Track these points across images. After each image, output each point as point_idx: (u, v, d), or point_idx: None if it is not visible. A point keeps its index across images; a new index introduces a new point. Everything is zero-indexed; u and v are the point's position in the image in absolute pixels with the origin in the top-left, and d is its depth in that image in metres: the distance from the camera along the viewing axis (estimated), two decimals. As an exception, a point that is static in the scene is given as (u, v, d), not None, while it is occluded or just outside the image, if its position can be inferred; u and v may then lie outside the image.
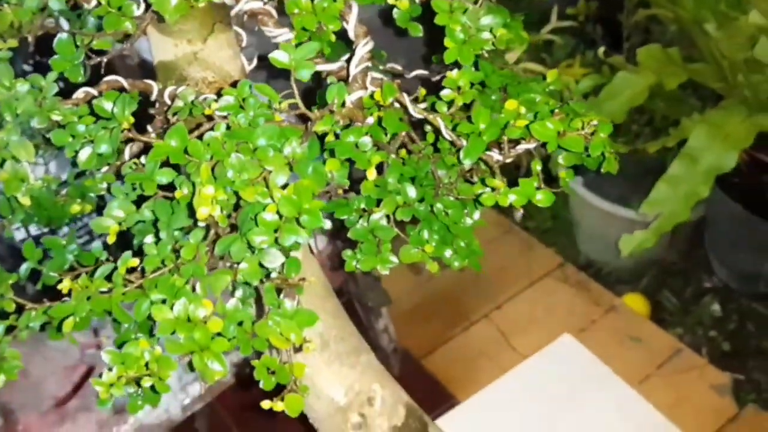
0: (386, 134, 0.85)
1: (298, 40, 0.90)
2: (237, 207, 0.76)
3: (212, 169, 0.75)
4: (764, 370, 2.05)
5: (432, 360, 2.16)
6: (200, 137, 0.78)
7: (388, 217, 0.88)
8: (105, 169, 0.93)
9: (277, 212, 0.72)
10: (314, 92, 0.95)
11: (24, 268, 0.92)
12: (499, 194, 0.81)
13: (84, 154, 0.78)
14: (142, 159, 0.84)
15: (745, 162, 1.92)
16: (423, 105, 0.91)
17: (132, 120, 0.79)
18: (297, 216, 0.72)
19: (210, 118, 0.81)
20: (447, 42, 0.81)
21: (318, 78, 0.93)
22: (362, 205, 0.90)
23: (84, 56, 0.83)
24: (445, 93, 0.83)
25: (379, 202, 0.89)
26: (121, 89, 0.92)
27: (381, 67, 1.06)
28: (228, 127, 0.76)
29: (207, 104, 0.81)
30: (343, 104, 0.78)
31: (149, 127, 0.94)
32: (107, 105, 0.80)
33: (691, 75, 1.91)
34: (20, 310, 0.87)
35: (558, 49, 2.40)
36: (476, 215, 0.93)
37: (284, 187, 0.73)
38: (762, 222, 1.95)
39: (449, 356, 2.16)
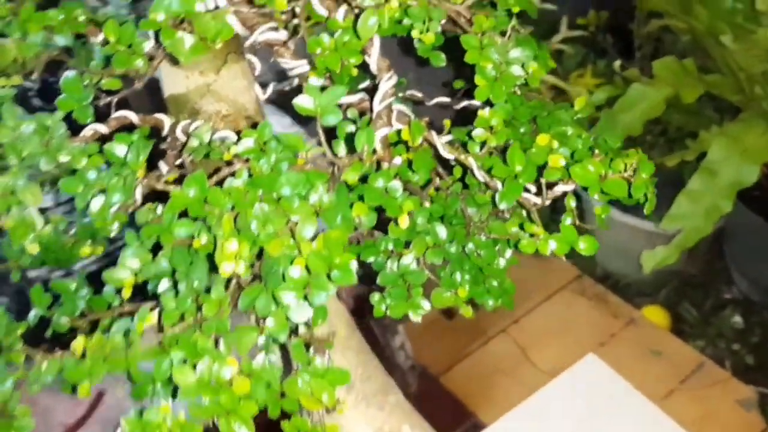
0: (415, 173, 0.78)
1: (317, 75, 0.83)
2: (260, 254, 0.69)
3: (234, 220, 0.67)
4: (790, 382, 1.98)
5: (450, 377, 2.09)
6: (220, 183, 0.71)
7: (418, 259, 0.80)
8: (115, 208, 0.86)
9: (305, 266, 0.65)
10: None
11: (33, 315, 0.86)
12: (538, 241, 0.74)
13: (96, 205, 0.71)
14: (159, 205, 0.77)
15: (765, 174, 1.84)
16: (448, 137, 0.84)
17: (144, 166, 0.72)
18: (327, 271, 0.64)
19: (229, 162, 0.74)
20: (478, 80, 0.74)
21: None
22: (390, 246, 0.82)
23: (93, 96, 0.76)
24: (477, 133, 0.75)
25: (407, 243, 0.82)
26: (131, 125, 0.86)
27: (401, 95, 0.99)
28: (249, 174, 0.69)
29: (225, 147, 0.74)
30: (374, 151, 0.71)
31: (161, 164, 0.87)
32: (119, 149, 0.72)
33: (707, 87, 1.84)
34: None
35: (568, 58, 2.33)
36: (508, 253, 0.85)
37: (312, 238, 0.66)
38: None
39: (467, 373, 2.09)
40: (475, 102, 0.75)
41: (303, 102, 0.68)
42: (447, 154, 0.76)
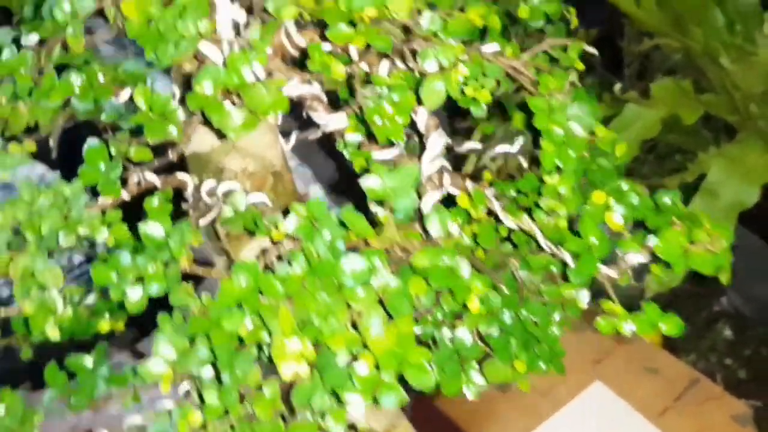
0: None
1: (354, 131, 0.75)
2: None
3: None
4: (783, 396, 1.93)
5: (446, 399, 2.01)
6: (268, 267, 0.62)
7: (472, 331, 0.72)
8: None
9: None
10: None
11: (48, 397, 0.76)
12: (616, 320, 0.66)
13: (135, 296, 0.62)
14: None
15: (762, 193, 1.79)
16: (491, 190, 0.76)
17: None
18: (398, 370, 0.56)
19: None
20: (545, 144, 0.66)
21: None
22: (439, 316, 0.74)
23: (121, 168, 0.67)
24: (546, 202, 0.67)
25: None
26: (153, 188, 0.77)
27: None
28: (304, 256, 0.60)
29: (272, 224, 0.65)
30: (449, 234, 0.62)
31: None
32: (154, 230, 0.63)
33: (704, 107, 1.79)
34: None
35: (557, 75, 2.26)
36: (556, 317, 0.78)
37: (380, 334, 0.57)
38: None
39: (463, 394, 2.01)
40: (552, 179, 0.67)
41: (372, 185, 0.60)
42: (510, 223, 0.68)
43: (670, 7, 1.86)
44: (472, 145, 0.89)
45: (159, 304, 0.68)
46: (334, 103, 0.79)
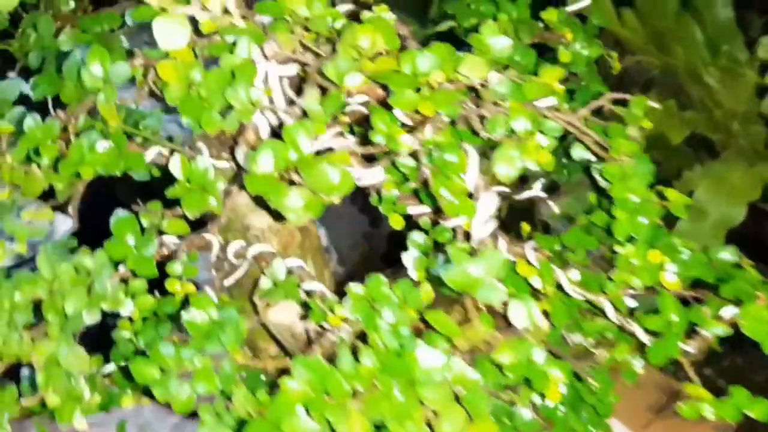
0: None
1: (391, 187, 0.68)
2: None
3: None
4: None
5: None
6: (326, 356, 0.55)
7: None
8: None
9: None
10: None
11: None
12: (699, 403, 0.60)
13: (183, 395, 0.54)
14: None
15: (747, 210, 1.77)
16: (531, 245, 0.69)
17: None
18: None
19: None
20: (619, 213, 0.60)
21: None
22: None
23: (155, 243, 0.59)
24: (619, 275, 0.61)
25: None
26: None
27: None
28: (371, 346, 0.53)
29: (328, 307, 0.58)
30: (536, 325, 0.55)
31: (208, 290, 0.70)
32: (197, 316, 0.55)
33: (689, 127, 1.76)
34: None
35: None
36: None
37: None
38: (764, 268, 1.80)
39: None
40: (627, 250, 0.60)
41: (452, 276, 0.52)
42: (578, 295, 0.61)
43: (651, 25, 1.83)
44: (532, 193, 0.81)
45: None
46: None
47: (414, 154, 0.62)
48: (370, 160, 0.70)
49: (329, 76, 0.53)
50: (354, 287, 0.57)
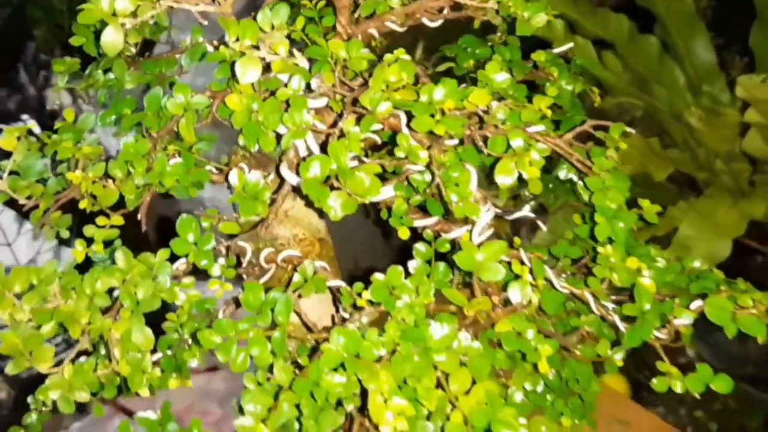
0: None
1: (401, 203, 0.86)
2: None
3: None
4: (753, 450, 2.06)
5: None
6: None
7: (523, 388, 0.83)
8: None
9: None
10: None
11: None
12: (670, 378, 0.78)
13: (239, 360, 0.72)
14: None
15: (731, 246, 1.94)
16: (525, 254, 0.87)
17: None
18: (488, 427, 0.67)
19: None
20: (599, 218, 0.78)
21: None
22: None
23: (213, 240, 0.77)
24: (600, 270, 0.79)
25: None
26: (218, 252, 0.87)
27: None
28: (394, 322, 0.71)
29: (356, 292, 0.76)
30: (530, 302, 0.74)
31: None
32: (252, 298, 0.73)
33: (673, 165, 1.94)
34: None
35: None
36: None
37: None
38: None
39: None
40: (607, 249, 0.79)
41: (464, 258, 0.71)
42: (563, 289, 0.80)
43: (633, 68, 2.01)
44: (522, 213, 0.99)
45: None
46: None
47: (425, 171, 0.81)
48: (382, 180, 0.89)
49: (364, 104, 0.72)
50: (377, 275, 0.75)
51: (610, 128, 0.85)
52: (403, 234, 0.88)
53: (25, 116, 0.77)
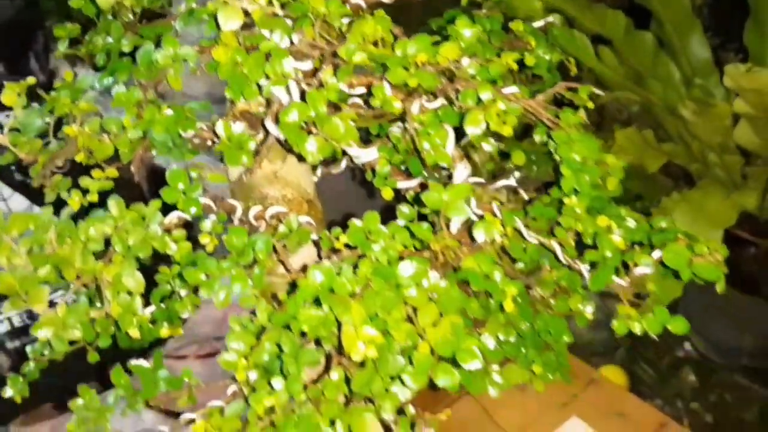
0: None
1: (384, 164, 0.91)
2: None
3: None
4: (749, 442, 2.10)
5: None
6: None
7: (496, 337, 0.88)
8: (187, 291, 0.92)
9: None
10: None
11: (113, 396, 0.90)
12: (630, 320, 0.82)
13: (221, 296, 0.76)
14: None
15: (722, 236, 1.98)
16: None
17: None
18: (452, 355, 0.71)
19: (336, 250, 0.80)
20: (564, 170, 0.83)
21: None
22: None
23: (201, 189, 0.82)
24: (565, 220, 0.84)
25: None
26: (209, 210, 0.92)
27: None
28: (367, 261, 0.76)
29: (334, 236, 0.81)
30: (493, 241, 0.78)
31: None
32: (236, 240, 0.78)
33: (667, 156, 1.97)
34: None
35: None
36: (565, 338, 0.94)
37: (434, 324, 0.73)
38: (740, 295, 2.01)
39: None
40: (573, 199, 0.83)
41: (431, 197, 0.76)
42: (532, 239, 0.84)
43: (629, 63, 2.05)
44: (505, 182, 1.04)
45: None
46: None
47: (402, 127, 0.86)
48: (366, 143, 0.94)
49: (341, 55, 0.77)
50: (355, 221, 0.80)
51: (579, 89, 0.89)
52: (387, 194, 0.93)
53: (34, 104, 0.82)
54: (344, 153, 0.99)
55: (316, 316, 0.73)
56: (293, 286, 0.80)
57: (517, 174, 1.07)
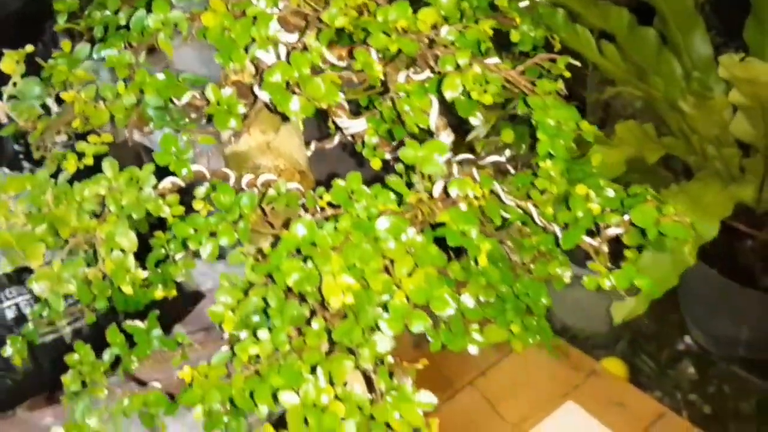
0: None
1: (372, 134, 0.95)
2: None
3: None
4: (745, 432, 2.12)
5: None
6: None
7: (475, 298, 0.91)
8: (181, 255, 0.95)
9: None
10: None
11: (109, 354, 0.94)
12: (600, 277, 0.85)
13: (208, 249, 0.80)
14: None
15: (720, 229, 2.00)
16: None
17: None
18: (425, 303, 0.75)
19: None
20: (540, 135, 0.86)
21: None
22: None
23: (192, 151, 0.86)
24: (540, 182, 0.87)
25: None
26: (203, 178, 0.95)
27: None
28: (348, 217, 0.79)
29: (318, 195, 0.84)
30: (469, 199, 0.82)
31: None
32: (224, 198, 0.82)
33: (666, 149, 2.00)
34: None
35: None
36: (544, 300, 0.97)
37: (409, 275, 0.76)
38: (738, 287, 2.03)
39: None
40: (547, 163, 0.87)
41: (407, 153, 0.79)
42: (509, 201, 0.88)
43: (632, 59, 2.08)
44: (494, 158, 1.08)
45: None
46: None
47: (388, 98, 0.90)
48: (356, 114, 0.98)
49: (324, 20, 0.81)
50: (338, 180, 0.83)
51: (557, 60, 0.93)
52: (375, 165, 0.97)
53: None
54: (337, 128, 1.04)
55: (298, 266, 0.76)
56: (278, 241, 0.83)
57: (507, 153, 1.10)
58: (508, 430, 2.16)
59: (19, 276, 1.90)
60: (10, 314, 1.96)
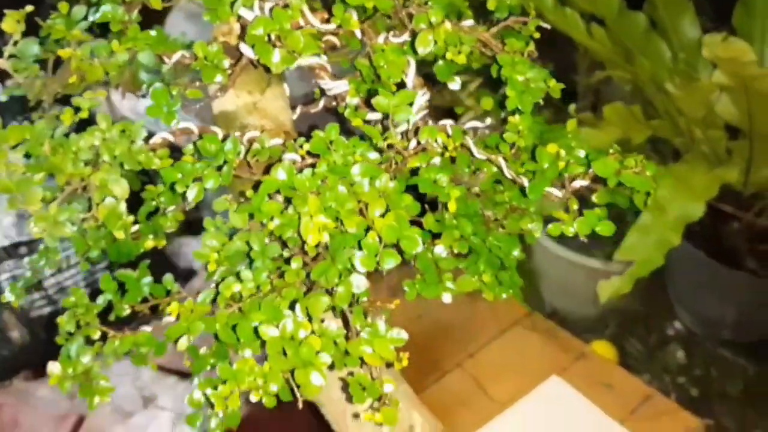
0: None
1: (353, 95, 1.02)
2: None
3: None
4: (732, 414, 2.18)
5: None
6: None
7: (448, 249, 0.98)
8: (172, 208, 1.03)
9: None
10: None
11: (102, 299, 1.01)
12: (564, 225, 0.92)
13: (193, 192, 0.88)
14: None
15: (706, 211, 2.07)
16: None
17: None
18: (396, 242, 0.82)
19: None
20: (509, 91, 0.94)
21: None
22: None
23: (180, 103, 0.93)
24: (508, 135, 0.94)
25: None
26: (192, 134, 1.03)
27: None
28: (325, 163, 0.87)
29: (298, 145, 0.92)
30: (436, 142, 0.89)
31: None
32: (210, 147, 0.90)
33: (653, 131, 2.07)
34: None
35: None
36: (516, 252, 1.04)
37: (381, 216, 0.84)
38: (724, 268, 2.10)
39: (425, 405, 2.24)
40: (515, 118, 0.94)
41: (380, 101, 0.87)
42: (480, 154, 0.95)
43: (620, 41, 2.15)
44: (474, 123, 1.15)
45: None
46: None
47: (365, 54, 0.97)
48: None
49: (304, -23, 0.89)
50: (318, 132, 0.91)
51: (528, 22, 1.00)
52: (356, 123, 1.05)
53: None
54: (322, 93, 1.11)
55: (278, 208, 0.84)
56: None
57: (488, 121, 1.17)
58: (497, 410, 2.22)
59: (16, 250, 1.98)
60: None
